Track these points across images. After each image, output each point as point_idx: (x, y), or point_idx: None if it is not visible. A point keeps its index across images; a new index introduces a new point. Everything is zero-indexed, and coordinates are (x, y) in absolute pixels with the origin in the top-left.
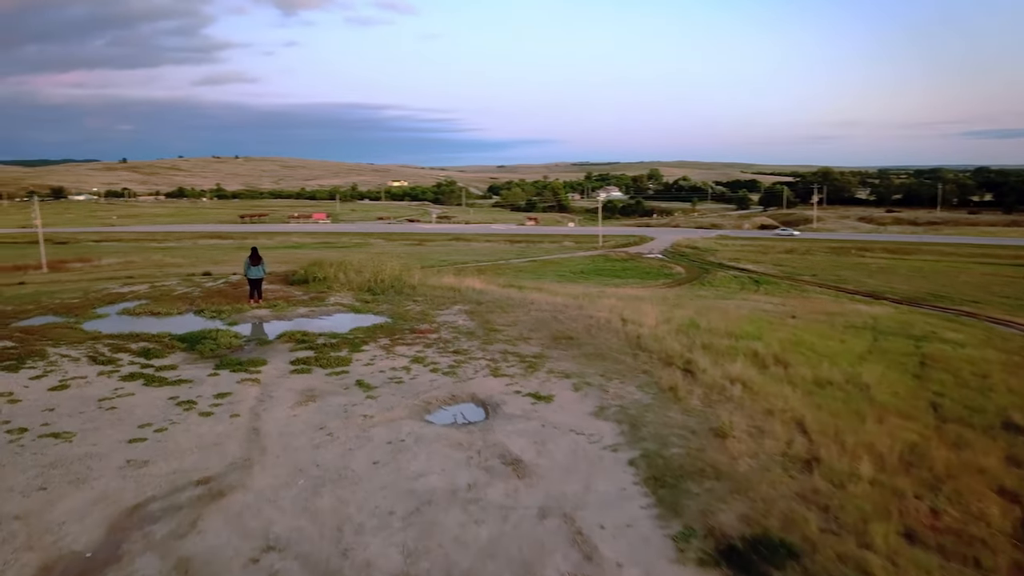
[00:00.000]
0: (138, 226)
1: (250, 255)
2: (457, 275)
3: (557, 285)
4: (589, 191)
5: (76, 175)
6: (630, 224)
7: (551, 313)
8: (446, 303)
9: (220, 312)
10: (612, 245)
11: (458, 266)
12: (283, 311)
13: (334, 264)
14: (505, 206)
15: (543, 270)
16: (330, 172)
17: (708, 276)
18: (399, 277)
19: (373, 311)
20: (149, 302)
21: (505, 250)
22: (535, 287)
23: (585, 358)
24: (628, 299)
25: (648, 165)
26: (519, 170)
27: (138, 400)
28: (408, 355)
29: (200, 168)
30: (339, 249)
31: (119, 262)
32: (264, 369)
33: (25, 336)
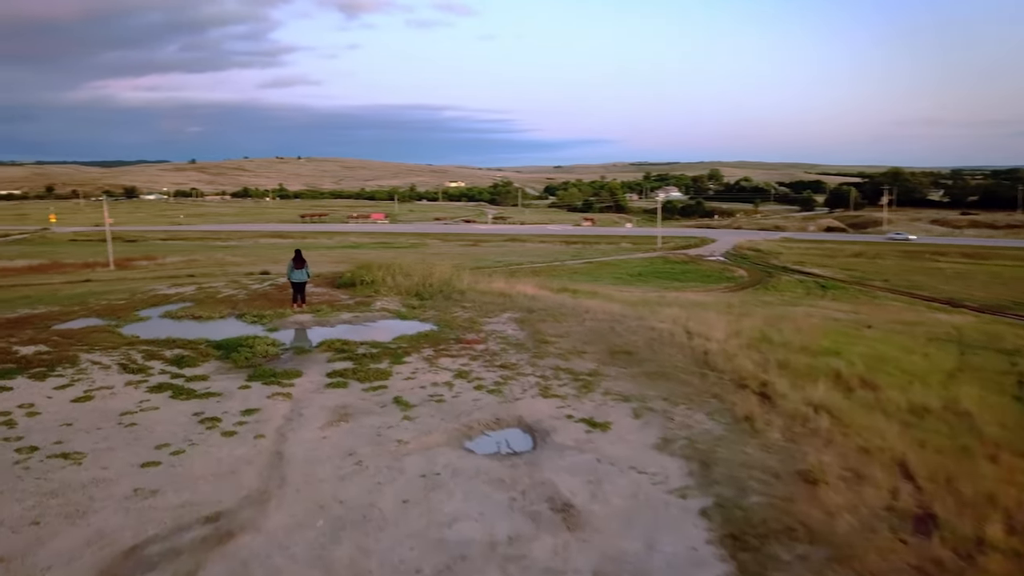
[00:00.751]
0: (203, 225)
1: (293, 258)
2: (509, 279)
3: (614, 290)
4: (647, 191)
5: (148, 175)
6: (690, 225)
7: (608, 323)
8: (495, 310)
9: (261, 317)
10: (671, 247)
11: (512, 267)
12: (326, 316)
13: (383, 267)
14: (561, 206)
15: (599, 272)
16: (389, 173)
17: (772, 280)
18: (448, 281)
19: (419, 318)
20: (193, 305)
21: (560, 251)
22: (590, 291)
23: (646, 377)
24: (691, 307)
25: (708, 165)
26: (576, 170)
27: (161, 415)
28: (452, 369)
29: (264, 168)
30: (395, 249)
31: (182, 260)
32: (298, 382)
33: (62, 340)
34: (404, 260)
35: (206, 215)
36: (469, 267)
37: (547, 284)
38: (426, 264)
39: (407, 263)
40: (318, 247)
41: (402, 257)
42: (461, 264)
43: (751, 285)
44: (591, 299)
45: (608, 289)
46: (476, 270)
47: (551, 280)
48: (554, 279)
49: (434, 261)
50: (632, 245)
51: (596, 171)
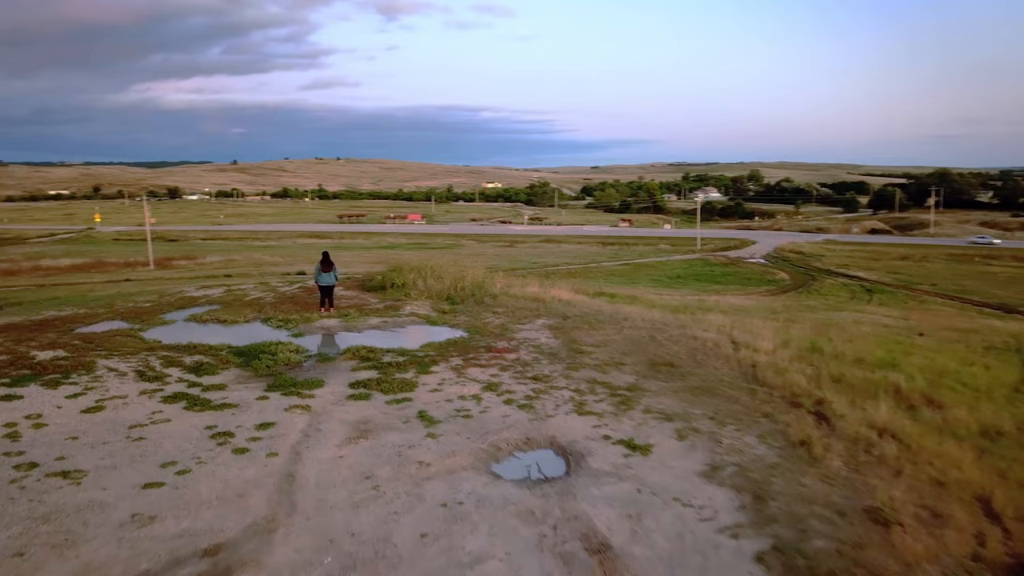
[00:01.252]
0: (243, 225)
1: (321, 260)
2: (544, 283)
3: (653, 294)
4: (686, 192)
5: (191, 176)
6: (729, 226)
7: (648, 331)
8: (529, 316)
9: (287, 321)
10: (711, 248)
11: (548, 269)
12: (353, 321)
13: (414, 269)
14: (598, 207)
15: (637, 274)
16: (427, 174)
17: (815, 284)
18: (480, 285)
19: (449, 323)
20: (219, 308)
21: (597, 252)
22: (628, 296)
23: (690, 393)
24: (734, 313)
25: (748, 166)
26: (613, 171)
27: (172, 429)
28: (481, 380)
29: (304, 169)
30: (431, 250)
31: (221, 260)
32: (318, 393)
33: (82, 344)
34: (436, 263)
35: (246, 215)
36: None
37: (583, 288)
38: (458, 267)
39: (439, 266)
40: (355, 247)
41: (437, 258)
42: (495, 265)
43: (793, 289)
44: (629, 305)
45: (646, 292)
46: (510, 272)
47: (587, 283)
48: (590, 281)
49: (466, 264)
50: (670, 247)
51: (634, 171)
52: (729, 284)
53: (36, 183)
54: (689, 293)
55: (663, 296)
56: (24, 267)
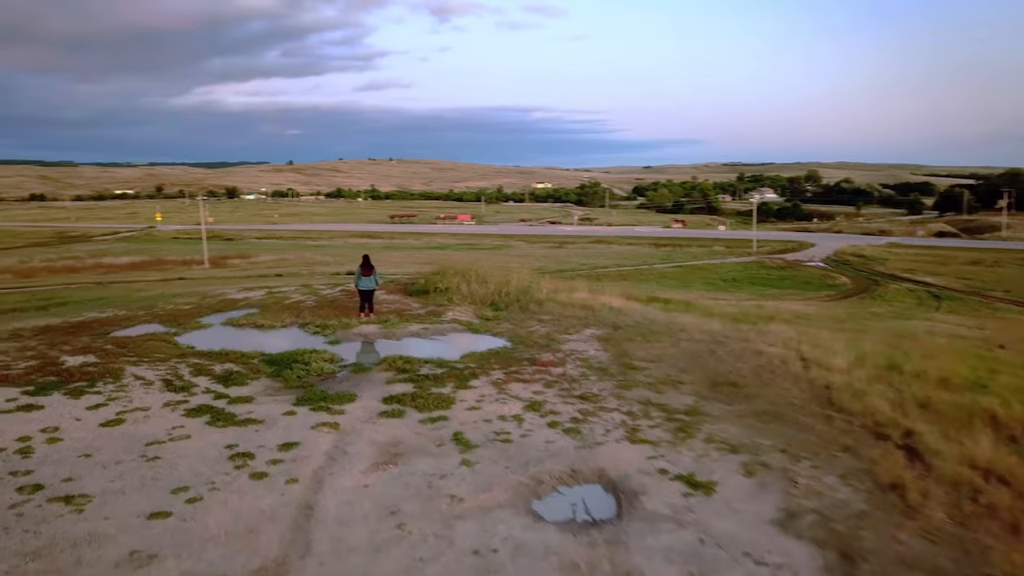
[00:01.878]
0: (297, 224)
1: (361, 264)
2: (593, 288)
3: (708, 299)
4: (741, 193)
5: (248, 176)
6: (786, 228)
7: (707, 345)
8: (576, 325)
9: (325, 327)
10: (767, 251)
11: (598, 271)
12: (393, 328)
13: (458, 273)
14: (651, 207)
15: (690, 277)
16: (477, 174)
17: (878, 289)
18: (526, 290)
19: (492, 332)
20: (258, 311)
21: (649, 254)
22: (683, 302)
23: (757, 419)
24: (798, 322)
25: (805, 166)
26: (666, 171)
27: (190, 447)
28: (523, 398)
29: (357, 170)
30: (480, 251)
31: (274, 259)
32: (349, 408)
33: (114, 349)
34: (481, 266)
35: (300, 215)
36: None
37: (635, 293)
38: (503, 271)
39: (483, 269)
40: (405, 247)
41: (485, 259)
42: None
43: (855, 294)
44: (685, 313)
45: (701, 297)
46: (558, 276)
47: (638, 285)
48: (642, 284)
49: (512, 267)
50: (725, 248)
51: (687, 171)
52: (787, 288)
53: (104, 183)
54: (745, 298)
55: (719, 301)
56: (87, 264)
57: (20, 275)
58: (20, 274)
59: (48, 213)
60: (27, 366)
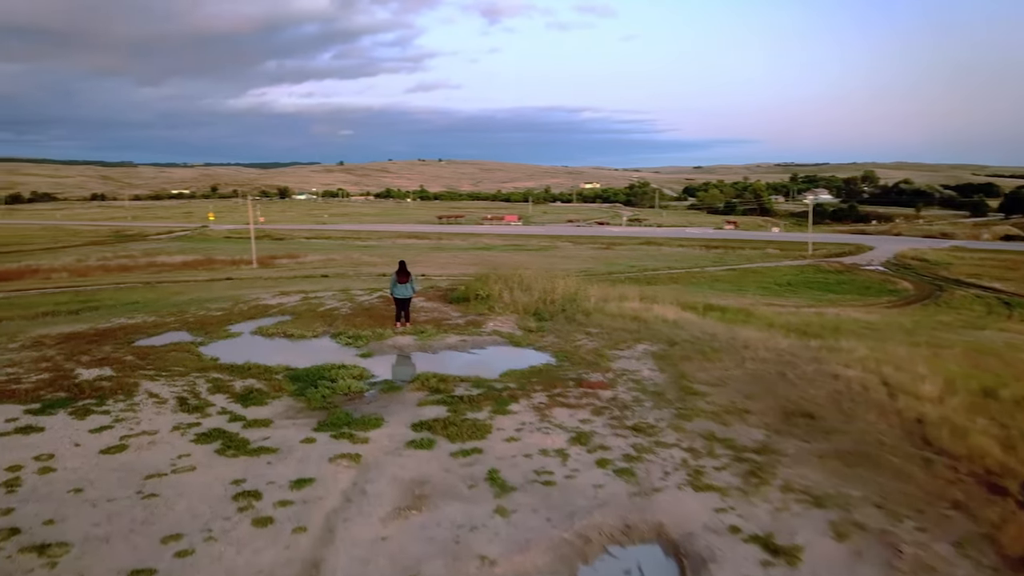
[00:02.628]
0: (346, 224)
1: (397, 270)
2: (645, 296)
3: (764, 304)
4: (794, 193)
5: (300, 176)
6: (842, 230)
7: (775, 365)
8: (628, 339)
9: (357, 338)
10: (823, 254)
11: (647, 273)
12: (429, 339)
13: (500, 279)
14: (701, 208)
15: (743, 281)
16: (525, 174)
17: (943, 296)
18: (572, 298)
19: (535, 345)
20: (290, 319)
21: (700, 256)
22: (741, 310)
23: (841, 461)
24: (867, 333)
25: (861, 166)
26: (717, 171)
27: (193, 482)
28: (568, 427)
29: (406, 170)
30: (526, 252)
31: (321, 259)
32: (374, 436)
33: (134, 361)
34: (524, 272)
35: (349, 215)
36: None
37: (689, 300)
38: (548, 277)
39: (527, 275)
40: (452, 248)
41: (532, 260)
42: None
43: (918, 300)
44: (745, 324)
45: (757, 303)
46: (605, 279)
47: (690, 289)
48: (693, 287)
49: (557, 273)
50: (779, 251)
51: (738, 172)
52: (845, 294)
53: (161, 183)
54: (804, 304)
55: (776, 308)
56: (140, 263)
57: (75, 273)
58: (75, 272)
59: (107, 212)
60: (38, 379)
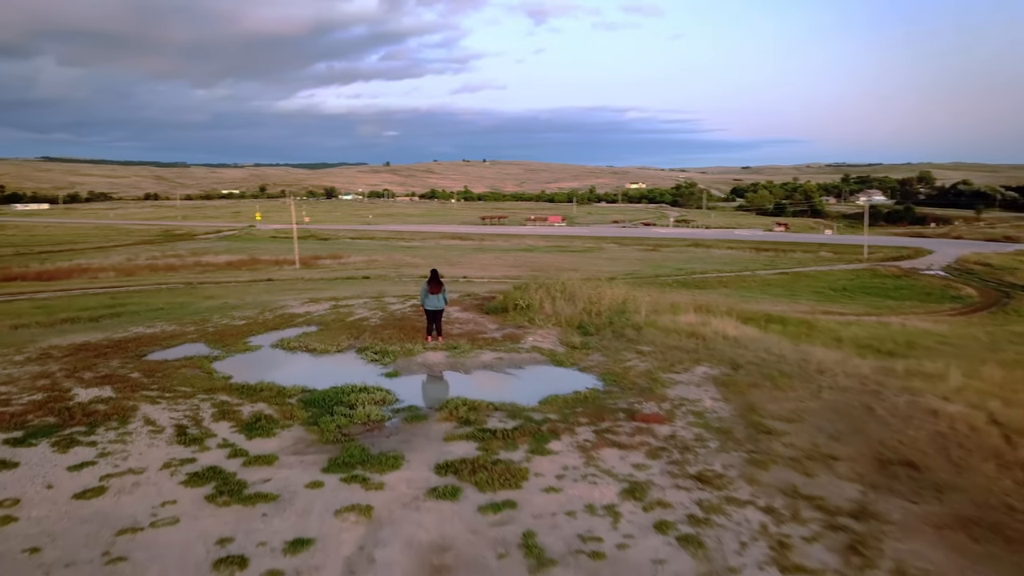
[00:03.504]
0: (391, 225)
1: (428, 279)
2: (701, 307)
3: (822, 313)
4: (847, 194)
5: (346, 177)
6: (898, 233)
7: (857, 395)
8: (684, 359)
9: (384, 354)
10: (879, 257)
11: (695, 276)
12: (462, 357)
13: (541, 287)
14: (750, 209)
15: (796, 285)
16: (570, 175)
17: (1012, 303)
18: (621, 310)
19: (579, 365)
20: (316, 330)
21: (750, 259)
22: (802, 321)
23: (966, 533)
24: (943, 349)
25: (916, 167)
26: (765, 171)
27: (171, 541)
28: (620, 475)
29: (451, 171)
30: (570, 253)
31: (364, 260)
32: (390, 480)
33: (139, 379)
34: (568, 280)
35: (394, 215)
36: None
37: (744, 308)
38: (593, 285)
39: (571, 283)
40: (494, 249)
41: (576, 261)
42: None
43: (984, 307)
44: (809, 338)
45: (813, 310)
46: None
47: (740, 293)
48: (744, 292)
49: (604, 281)
50: (833, 254)
51: (787, 172)
52: (904, 300)
53: (212, 183)
54: (863, 312)
55: (835, 316)
56: (187, 263)
57: (122, 273)
58: (122, 272)
59: (159, 212)
60: (30, 401)
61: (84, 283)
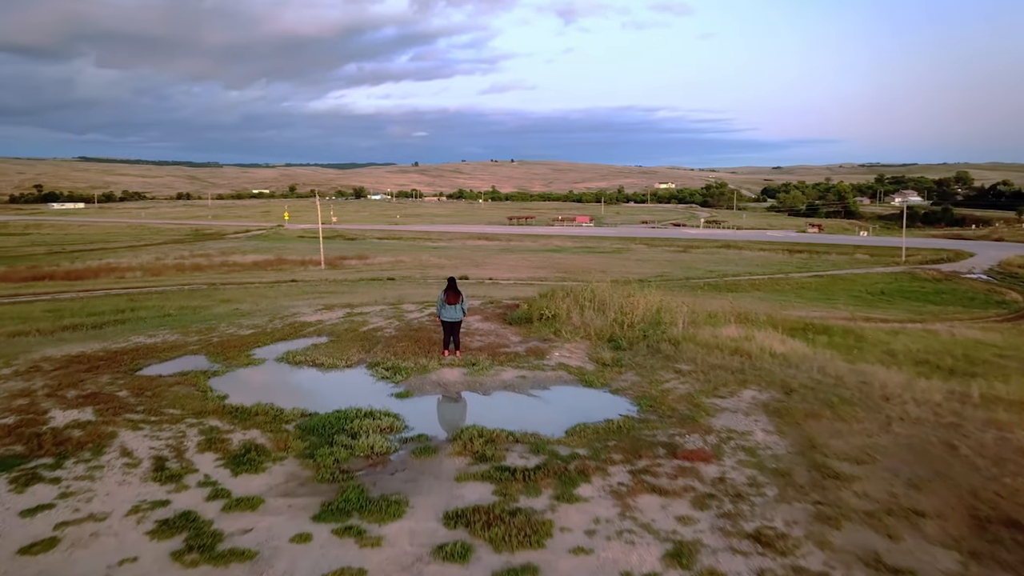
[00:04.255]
0: (418, 225)
1: (446, 288)
2: (743, 318)
3: (862, 318)
4: (881, 195)
5: (375, 177)
6: (936, 235)
7: (934, 428)
8: (730, 381)
9: (396, 370)
10: (918, 260)
11: (727, 279)
12: (481, 375)
13: (568, 295)
14: (782, 210)
15: (832, 289)
16: (598, 175)
17: None
18: (656, 321)
19: (611, 386)
20: (326, 341)
21: (783, 261)
22: (848, 330)
23: None
24: (1013, 366)
25: (952, 167)
26: (796, 171)
27: None
28: (662, 532)
29: (479, 171)
30: (598, 255)
31: (390, 260)
32: (390, 534)
33: (126, 398)
34: (597, 286)
35: (421, 215)
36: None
37: (785, 315)
38: (625, 293)
39: (601, 290)
40: (521, 250)
41: (604, 263)
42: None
43: None
44: (864, 354)
45: (854, 317)
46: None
47: (775, 297)
48: (778, 295)
49: (636, 287)
50: (869, 257)
51: (819, 172)
52: (946, 305)
53: (243, 183)
54: (903, 316)
55: (877, 323)
56: (215, 262)
57: (149, 273)
58: (149, 272)
59: (190, 211)
60: (1, 424)
61: (109, 283)
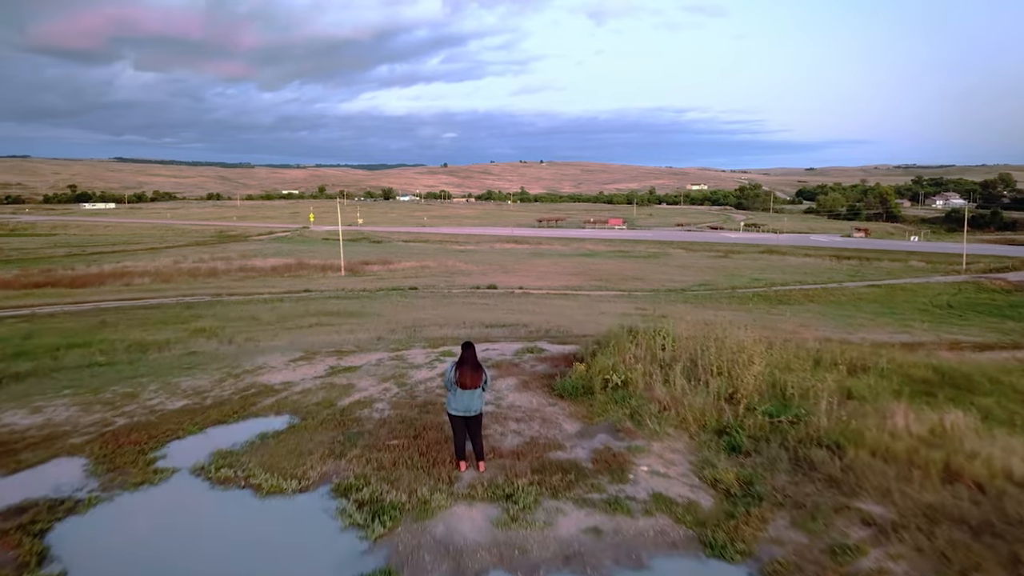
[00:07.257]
0: (446, 227)
1: (458, 361)
2: (855, 364)
3: (948, 337)
4: (922, 197)
5: (405, 178)
6: (989, 240)
7: None
8: (979, 557)
9: (377, 510)
10: (980, 268)
11: (776, 288)
12: (523, 524)
13: (646, 335)
14: (820, 213)
15: (893, 301)
16: (628, 176)
17: None
18: (778, 389)
19: (755, 555)
20: (285, 428)
21: (832, 268)
22: (993, 380)
23: None
24: None
25: (992, 168)
26: (830, 173)
27: None
28: None
29: (508, 172)
30: (634, 259)
31: (415, 265)
32: None
33: None
34: (683, 327)
35: (449, 217)
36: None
37: (903, 361)
38: (720, 337)
39: (688, 335)
40: (552, 254)
41: (643, 269)
42: (709, 281)
43: None
44: None
45: (940, 343)
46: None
47: (832, 310)
48: (836, 308)
49: (728, 327)
50: (925, 264)
51: (854, 174)
52: None
53: (273, 183)
54: (991, 338)
55: (964, 349)
56: (232, 266)
57: (159, 279)
58: (160, 278)
59: (218, 212)
60: None
61: (112, 291)
